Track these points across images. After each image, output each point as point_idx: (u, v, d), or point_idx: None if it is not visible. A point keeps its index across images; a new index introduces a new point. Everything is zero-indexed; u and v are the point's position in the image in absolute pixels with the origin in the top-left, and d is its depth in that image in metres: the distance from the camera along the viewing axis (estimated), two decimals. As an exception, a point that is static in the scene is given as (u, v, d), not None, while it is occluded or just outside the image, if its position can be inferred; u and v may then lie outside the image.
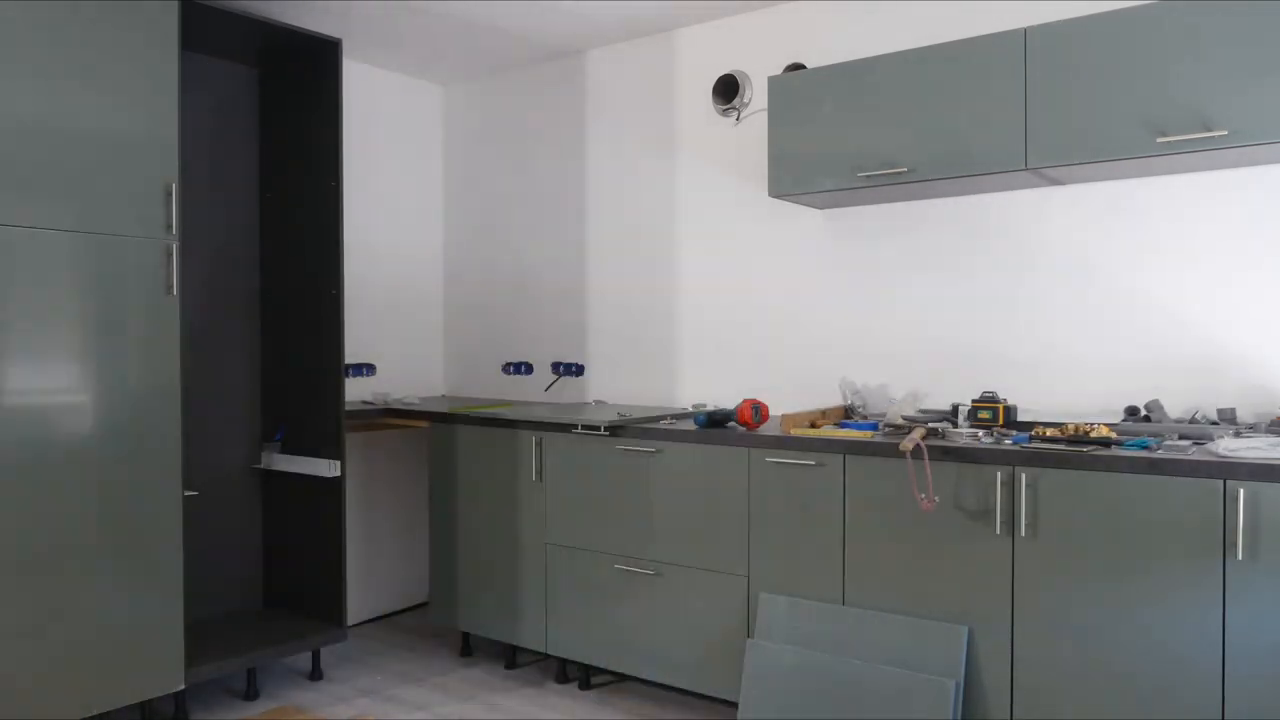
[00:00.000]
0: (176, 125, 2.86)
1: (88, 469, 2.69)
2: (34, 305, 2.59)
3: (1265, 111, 2.27)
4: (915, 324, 3.16)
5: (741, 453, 2.83)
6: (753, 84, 3.49)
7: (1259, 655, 2.09)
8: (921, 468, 2.48)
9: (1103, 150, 2.49)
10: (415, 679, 3.42)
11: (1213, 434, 2.41)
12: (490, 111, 4.36)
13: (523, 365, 4.18)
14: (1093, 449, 2.30)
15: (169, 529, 2.86)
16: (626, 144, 3.88)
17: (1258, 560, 2.08)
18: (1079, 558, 2.29)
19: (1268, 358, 2.60)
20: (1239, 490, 2.08)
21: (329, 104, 3.38)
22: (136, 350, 2.79)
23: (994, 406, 2.75)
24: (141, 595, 2.80)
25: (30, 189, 2.57)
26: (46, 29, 2.59)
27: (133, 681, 2.79)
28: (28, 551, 2.57)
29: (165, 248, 2.85)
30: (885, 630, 2.56)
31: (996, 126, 2.63)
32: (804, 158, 2.99)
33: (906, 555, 2.55)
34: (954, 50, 2.72)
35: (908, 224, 3.17)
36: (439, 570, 3.61)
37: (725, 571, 2.87)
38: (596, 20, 3.64)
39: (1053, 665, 2.34)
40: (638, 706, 3.15)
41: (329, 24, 3.55)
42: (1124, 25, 2.46)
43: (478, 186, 4.41)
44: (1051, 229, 2.91)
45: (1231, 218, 2.65)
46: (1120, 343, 2.80)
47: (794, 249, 3.42)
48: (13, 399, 2.55)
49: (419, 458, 4.25)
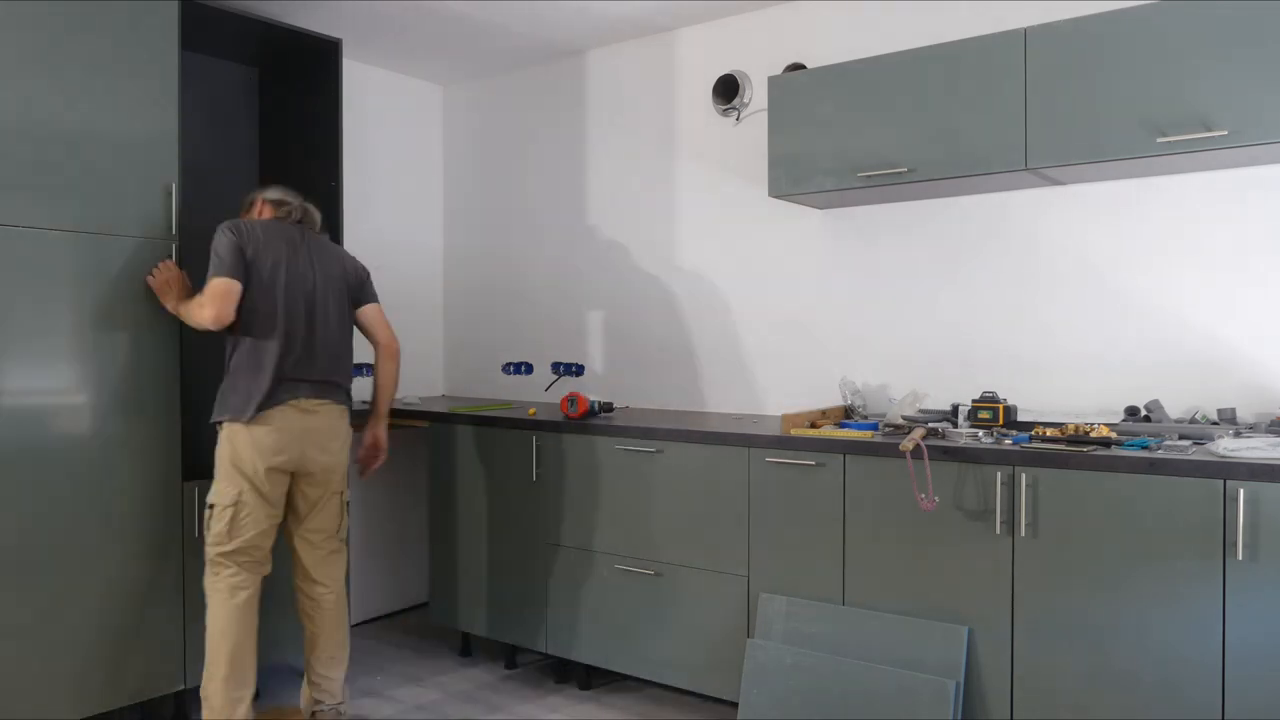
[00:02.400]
0: (176, 125, 2.86)
1: (87, 468, 2.69)
2: (34, 305, 2.59)
3: (1265, 111, 2.27)
4: (915, 324, 3.16)
5: (741, 453, 2.83)
6: (753, 84, 3.49)
7: (1259, 655, 2.09)
8: (921, 467, 2.48)
9: (1103, 150, 2.49)
10: (415, 679, 3.42)
11: (1213, 434, 2.41)
12: (490, 111, 4.36)
13: (523, 365, 4.18)
14: (1093, 449, 2.30)
15: (169, 529, 2.86)
16: (626, 144, 3.88)
17: (1258, 560, 2.08)
18: (1079, 558, 2.29)
19: (1268, 358, 2.60)
20: (1239, 490, 2.08)
21: (329, 104, 3.38)
22: (137, 350, 2.80)
23: (994, 406, 2.75)
24: (142, 595, 2.80)
25: (30, 189, 2.58)
26: (46, 29, 2.60)
27: (133, 681, 2.79)
28: (27, 551, 2.57)
29: (165, 247, 2.85)
30: (885, 631, 2.56)
31: (996, 126, 2.63)
32: (804, 158, 2.99)
33: (906, 555, 2.55)
34: (954, 50, 2.72)
35: (908, 224, 3.17)
36: (439, 570, 3.61)
37: (725, 571, 2.87)
38: (596, 20, 3.64)
39: (1053, 665, 2.34)
40: (638, 706, 3.15)
41: (329, 24, 3.55)
42: (1124, 25, 2.46)
43: (477, 186, 4.41)
44: (1051, 229, 2.91)
45: (1231, 217, 2.65)
46: (1120, 343, 2.80)
47: (794, 249, 3.42)
48: (13, 399, 2.55)
49: (419, 458, 4.25)
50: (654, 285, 3.80)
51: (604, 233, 3.96)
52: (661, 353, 3.77)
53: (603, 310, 3.94)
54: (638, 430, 3.05)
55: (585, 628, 3.17)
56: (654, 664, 3.03)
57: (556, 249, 4.11)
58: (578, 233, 4.04)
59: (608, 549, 3.13)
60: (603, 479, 3.13)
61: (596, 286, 3.97)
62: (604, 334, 3.95)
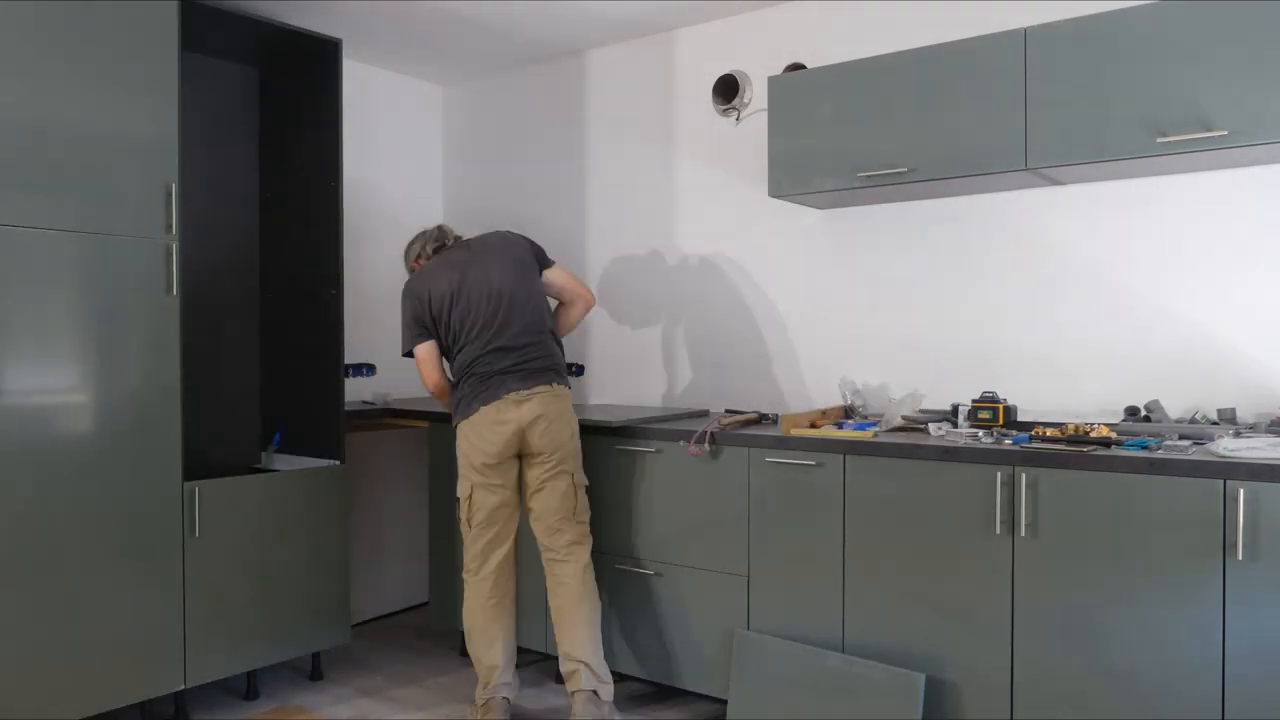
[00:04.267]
0: (176, 125, 2.86)
1: (88, 469, 2.69)
2: (34, 305, 2.59)
3: (1265, 111, 2.27)
4: (915, 324, 3.16)
5: (741, 453, 2.83)
6: (753, 84, 3.49)
7: (1259, 655, 2.09)
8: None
9: (1103, 150, 2.49)
10: (415, 679, 3.42)
11: (1213, 434, 2.41)
12: (490, 111, 4.36)
13: (523, 365, 4.17)
14: (1093, 449, 2.30)
15: (169, 529, 2.86)
16: (626, 144, 3.88)
17: (1258, 560, 2.08)
18: (1079, 558, 2.29)
19: (1267, 358, 2.60)
20: (1239, 490, 2.08)
21: (329, 104, 3.38)
22: (137, 350, 2.80)
23: (994, 406, 2.75)
24: (141, 595, 2.80)
25: (30, 189, 2.58)
26: (46, 29, 2.59)
27: (133, 681, 2.79)
28: (28, 551, 2.57)
29: (165, 248, 2.85)
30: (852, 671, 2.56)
31: (996, 126, 2.63)
32: (804, 158, 2.99)
33: (906, 555, 2.55)
34: (954, 50, 2.72)
35: (907, 224, 3.17)
36: (439, 570, 3.61)
37: (725, 571, 2.87)
38: (596, 20, 3.64)
39: (1053, 665, 2.34)
40: (637, 706, 3.15)
41: (329, 24, 3.55)
42: (1124, 25, 2.46)
43: (478, 186, 4.41)
44: (1051, 229, 2.91)
45: (1232, 217, 2.65)
46: (1120, 342, 2.80)
47: (794, 249, 3.42)
48: (13, 399, 2.55)
49: (419, 458, 4.25)
50: (653, 285, 3.80)
51: (603, 233, 3.96)
52: (662, 352, 3.77)
53: (602, 310, 3.94)
54: (638, 430, 3.05)
55: (585, 628, 3.17)
56: (654, 664, 3.03)
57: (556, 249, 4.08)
58: (577, 233, 4.03)
59: (608, 549, 3.13)
60: (603, 479, 3.13)
61: (596, 286, 3.97)
62: (604, 334, 3.95)
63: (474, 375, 2.89)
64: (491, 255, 3.00)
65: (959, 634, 2.46)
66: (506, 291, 2.93)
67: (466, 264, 2.97)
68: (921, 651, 2.51)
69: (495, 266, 2.96)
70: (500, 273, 2.95)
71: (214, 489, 2.98)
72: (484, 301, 2.91)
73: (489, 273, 2.94)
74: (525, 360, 2.89)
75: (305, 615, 3.23)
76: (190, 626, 2.90)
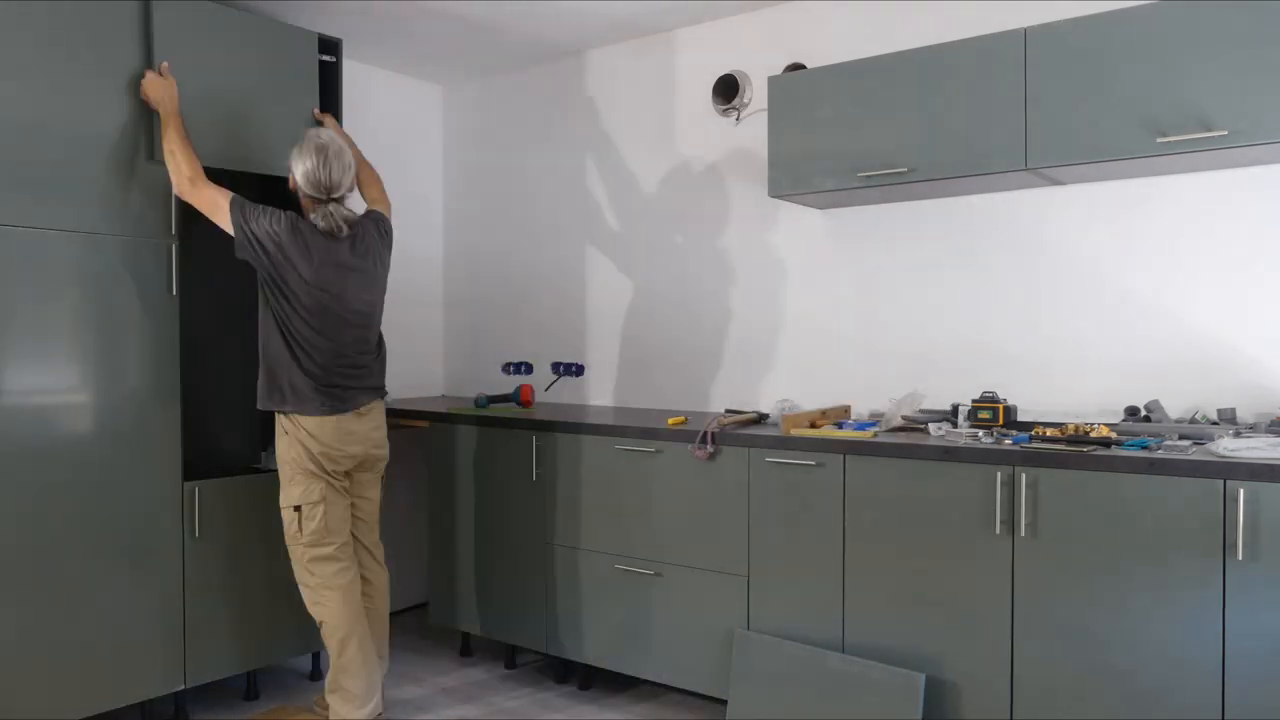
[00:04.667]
0: (176, 125, 2.86)
1: (88, 468, 2.69)
2: (35, 305, 2.59)
3: (1265, 111, 2.27)
4: (915, 324, 3.15)
5: (741, 453, 2.83)
6: (753, 84, 3.49)
7: (1259, 655, 2.09)
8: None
9: (1103, 150, 2.49)
10: (415, 679, 3.42)
11: (1213, 434, 2.41)
12: (490, 111, 4.36)
13: (523, 365, 4.18)
14: (1093, 449, 2.30)
15: (169, 529, 2.86)
16: (626, 144, 3.88)
17: (1258, 560, 2.08)
18: (1079, 558, 2.29)
19: (1268, 358, 2.60)
20: (1239, 490, 2.08)
21: (329, 104, 3.38)
22: (137, 350, 2.80)
23: (994, 406, 2.75)
24: (141, 595, 2.80)
25: (31, 189, 2.58)
26: (47, 29, 2.59)
27: (133, 681, 2.79)
28: (28, 551, 2.57)
29: (165, 248, 2.85)
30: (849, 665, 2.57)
31: (996, 126, 2.63)
32: (804, 158, 2.99)
33: (906, 555, 2.55)
34: (954, 50, 2.72)
35: (907, 224, 3.17)
36: (439, 570, 3.61)
37: (725, 571, 2.87)
38: (596, 20, 3.64)
39: (1053, 665, 2.33)
40: (637, 706, 3.15)
41: (329, 24, 3.55)
42: (1124, 25, 2.46)
43: (478, 186, 4.41)
44: (1051, 229, 2.91)
45: (1232, 217, 2.65)
46: (1120, 343, 2.80)
47: (794, 249, 3.42)
48: (13, 399, 2.55)
49: (419, 458, 4.25)
50: (654, 285, 3.80)
51: (604, 233, 3.96)
52: (662, 352, 3.77)
53: (603, 310, 3.94)
54: (638, 430, 3.05)
55: (585, 628, 3.17)
56: (654, 664, 3.03)
57: (556, 249, 4.11)
58: (577, 233, 4.03)
59: (608, 549, 3.13)
60: (603, 479, 3.13)
61: (596, 286, 3.97)
62: (604, 334, 3.95)
63: (312, 376, 2.78)
64: (370, 277, 2.90)
65: (959, 634, 2.46)
66: (368, 314, 2.90)
67: (349, 272, 2.82)
68: (921, 651, 2.51)
69: (374, 289, 2.92)
70: (371, 296, 2.90)
71: (214, 489, 2.98)
72: (344, 327, 2.81)
73: (361, 292, 2.86)
74: (359, 378, 2.90)
75: (305, 615, 3.22)
76: (190, 626, 2.90)
